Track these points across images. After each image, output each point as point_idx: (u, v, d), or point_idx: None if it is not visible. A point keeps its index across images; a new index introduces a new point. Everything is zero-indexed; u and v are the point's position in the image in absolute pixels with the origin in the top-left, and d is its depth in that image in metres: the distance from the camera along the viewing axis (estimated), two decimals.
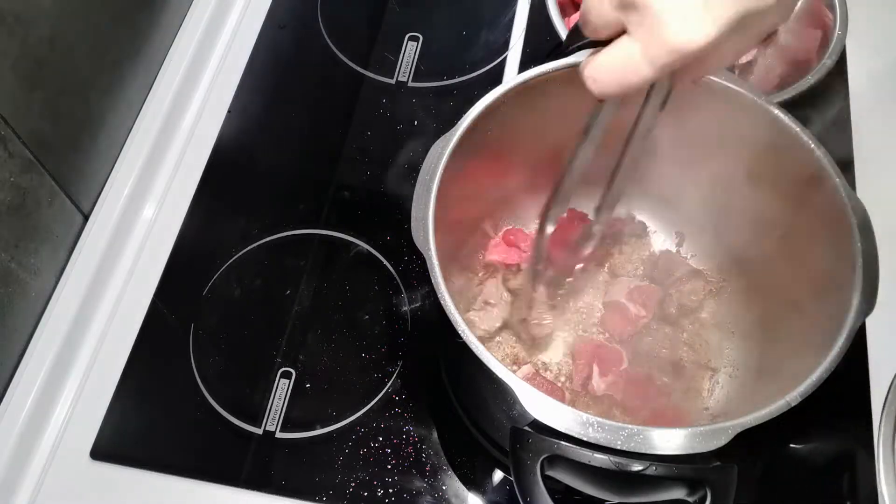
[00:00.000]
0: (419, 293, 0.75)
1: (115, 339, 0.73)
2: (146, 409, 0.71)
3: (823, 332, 0.50)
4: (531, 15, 0.91)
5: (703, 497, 0.45)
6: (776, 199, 0.60)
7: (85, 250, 0.75)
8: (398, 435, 0.68)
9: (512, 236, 0.71)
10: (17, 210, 0.67)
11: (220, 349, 0.73)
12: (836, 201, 0.54)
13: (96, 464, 0.68)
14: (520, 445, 0.46)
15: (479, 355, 0.48)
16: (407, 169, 0.81)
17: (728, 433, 0.45)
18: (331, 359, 0.72)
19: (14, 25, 0.63)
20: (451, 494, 0.65)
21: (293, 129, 0.86)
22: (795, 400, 0.47)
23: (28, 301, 0.71)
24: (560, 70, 0.59)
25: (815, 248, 0.57)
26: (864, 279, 0.51)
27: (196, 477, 0.67)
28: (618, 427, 0.45)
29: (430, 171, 0.56)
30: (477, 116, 0.58)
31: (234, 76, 0.88)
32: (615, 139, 0.54)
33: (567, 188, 0.57)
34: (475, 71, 0.88)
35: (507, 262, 0.70)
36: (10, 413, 0.68)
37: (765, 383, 0.60)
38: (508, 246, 0.70)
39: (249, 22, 0.92)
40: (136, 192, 0.80)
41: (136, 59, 0.83)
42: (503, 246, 0.70)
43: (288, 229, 0.79)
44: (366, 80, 0.88)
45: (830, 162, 0.55)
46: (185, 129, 0.85)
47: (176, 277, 0.76)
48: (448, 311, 0.50)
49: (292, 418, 0.69)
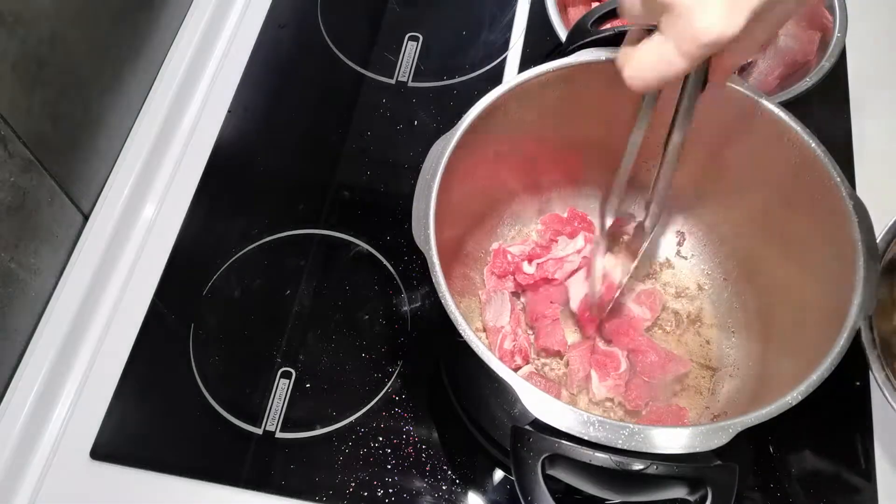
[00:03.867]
0: (419, 293, 0.75)
1: (115, 339, 0.73)
2: (146, 409, 0.71)
3: (824, 332, 0.50)
4: (531, 15, 0.91)
5: (704, 496, 0.45)
6: (777, 199, 0.60)
7: (85, 250, 0.75)
8: (398, 435, 0.68)
9: (500, 263, 0.70)
10: (17, 210, 0.67)
11: (220, 349, 0.73)
12: (836, 201, 0.54)
13: (96, 464, 0.68)
14: (521, 444, 0.46)
15: (479, 354, 0.48)
16: (407, 169, 0.81)
17: (729, 432, 0.45)
18: (331, 359, 0.72)
19: (14, 25, 0.63)
20: (451, 494, 0.65)
21: (293, 129, 0.86)
22: (796, 399, 0.47)
23: (28, 301, 0.71)
24: (560, 70, 0.59)
25: (815, 247, 0.57)
26: (864, 279, 0.51)
27: (196, 477, 0.67)
28: (619, 426, 0.45)
29: (431, 171, 0.56)
30: (477, 116, 0.58)
31: (234, 76, 0.88)
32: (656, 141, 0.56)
33: (622, 179, 0.60)
34: (475, 71, 0.88)
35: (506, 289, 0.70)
36: (10, 413, 0.68)
37: (765, 382, 0.60)
38: (501, 277, 0.70)
39: (249, 22, 0.92)
40: (136, 192, 0.80)
41: (136, 59, 0.82)
42: (496, 277, 0.70)
43: (288, 229, 0.79)
44: (366, 80, 0.88)
45: (831, 161, 0.55)
46: (185, 129, 0.85)
47: (176, 277, 0.76)
48: (449, 309, 0.49)
49: (292, 418, 0.69)
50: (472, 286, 0.70)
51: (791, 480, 0.66)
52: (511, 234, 0.73)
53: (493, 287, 0.69)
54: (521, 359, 0.66)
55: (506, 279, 0.70)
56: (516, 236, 0.73)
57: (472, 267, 0.70)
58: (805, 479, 0.66)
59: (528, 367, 0.67)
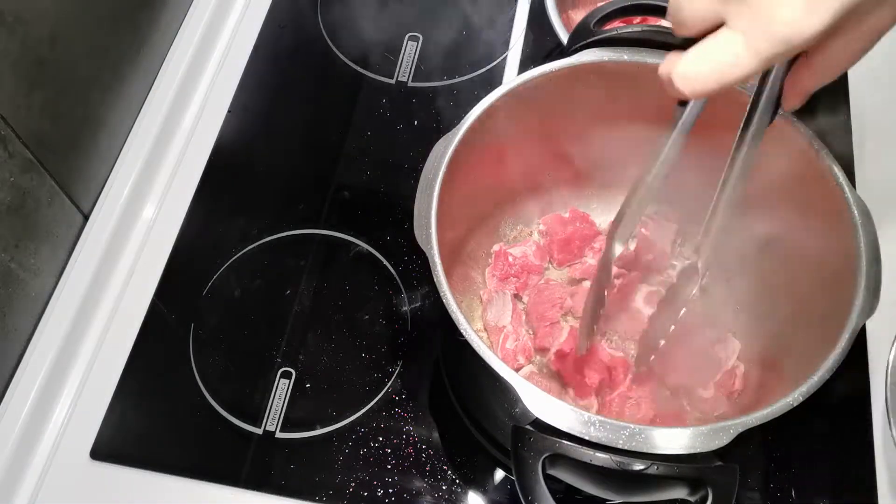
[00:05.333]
0: (419, 293, 0.75)
1: (115, 339, 0.73)
2: (146, 409, 0.71)
3: (825, 332, 0.50)
4: (531, 15, 0.91)
5: (705, 497, 0.45)
6: (778, 199, 0.60)
7: (85, 250, 0.75)
8: (398, 435, 0.68)
9: (501, 265, 0.70)
10: (17, 210, 0.67)
11: (220, 349, 0.72)
12: (838, 201, 0.54)
13: (96, 464, 0.67)
14: (521, 444, 0.46)
15: (480, 354, 0.48)
16: (407, 169, 0.81)
17: (730, 433, 0.45)
18: (331, 359, 0.72)
19: (14, 25, 0.63)
20: (451, 494, 0.65)
21: (293, 129, 0.86)
22: (797, 400, 0.47)
23: (28, 301, 0.71)
24: (560, 70, 0.59)
25: (817, 247, 0.57)
26: (866, 279, 0.51)
27: (196, 477, 0.67)
28: (619, 426, 0.45)
29: (432, 170, 0.56)
30: (478, 116, 0.58)
31: (234, 76, 0.88)
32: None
33: (639, 204, 0.52)
34: (475, 71, 0.88)
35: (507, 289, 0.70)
36: (10, 413, 0.68)
37: (766, 383, 0.60)
38: (503, 280, 0.70)
39: (249, 22, 0.92)
40: (136, 192, 0.80)
41: (136, 59, 0.82)
42: (498, 279, 0.70)
43: (288, 229, 0.79)
44: (366, 80, 0.88)
45: (833, 161, 0.55)
46: (185, 129, 0.85)
47: (176, 277, 0.76)
48: (450, 309, 0.50)
49: (292, 418, 0.69)
50: (472, 286, 0.70)
51: (791, 481, 0.66)
52: (513, 234, 0.73)
53: (495, 288, 0.69)
54: (524, 358, 0.66)
55: (507, 281, 0.70)
56: (518, 236, 0.73)
57: (472, 267, 0.70)
58: (805, 479, 0.66)
59: (528, 367, 0.67)
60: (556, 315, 0.67)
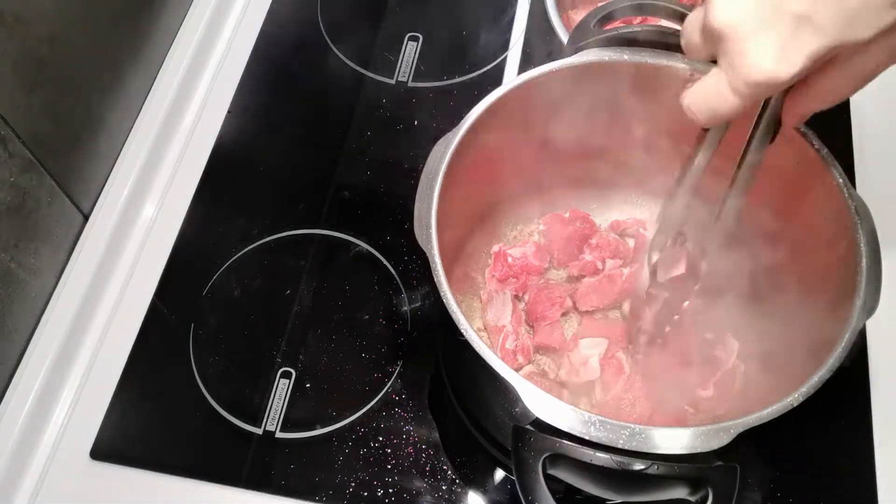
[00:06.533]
0: (419, 293, 0.75)
1: (115, 339, 0.73)
2: (146, 409, 0.71)
3: (826, 332, 0.50)
4: (531, 15, 0.91)
5: (705, 497, 0.45)
6: (778, 200, 0.60)
7: (85, 250, 0.75)
8: (398, 435, 0.68)
9: (500, 266, 0.70)
10: (17, 210, 0.67)
11: (220, 349, 0.72)
12: (838, 201, 0.54)
13: (96, 464, 0.67)
14: (521, 444, 0.46)
15: (481, 354, 0.48)
16: (407, 169, 0.81)
17: (730, 433, 0.45)
18: (331, 359, 0.72)
19: (14, 25, 0.63)
20: (451, 494, 0.65)
21: (293, 130, 0.86)
22: (797, 400, 0.47)
23: (28, 301, 0.71)
24: (560, 70, 0.59)
25: (817, 247, 0.57)
26: (867, 279, 0.51)
27: (196, 477, 0.67)
28: (620, 426, 0.45)
29: (432, 171, 0.56)
30: (479, 116, 0.58)
31: (234, 76, 0.88)
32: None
33: (675, 213, 0.57)
34: (475, 71, 0.88)
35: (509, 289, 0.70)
36: (10, 413, 0.68)
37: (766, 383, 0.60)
38: (502, 280, 0.70)
39: (249, 22, 0.92)
40: (136, 192, 0.80)
41: (136, 59, 0.82)
42: (497, 280, 0.70)
43: (288, 229, 0.79)
44: (366, 80, 0.88)
45: (833, 161, 0.55)
46: (185, 129, 0.85)
47: (176, 277, 0.76)
48: (450, 308, 0.50)
49: (292, 418, 0.69)
50: (472, 286, 0.70)
51: (791, 481, 0.66)
52: (513, 234, 0.73)
53: (495, 288, 0.69)
54: (524, 358, 0.66)
55: (507, 282, 0.70)
56: (518, 236, 0.73)
57: (472, 267, 0.70)
58: (805, 479, 0.66)
59: (529, 367, 0.67)
60: (556, 315, 0.67)
